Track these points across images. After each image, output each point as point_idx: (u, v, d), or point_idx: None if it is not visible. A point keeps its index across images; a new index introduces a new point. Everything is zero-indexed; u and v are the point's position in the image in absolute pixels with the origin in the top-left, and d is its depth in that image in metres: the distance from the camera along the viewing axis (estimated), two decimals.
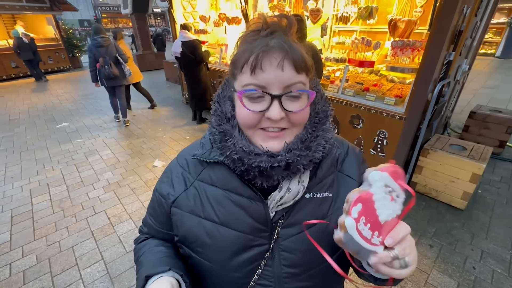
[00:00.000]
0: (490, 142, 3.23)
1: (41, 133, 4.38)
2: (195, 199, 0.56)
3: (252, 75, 0.44)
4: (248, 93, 0.45)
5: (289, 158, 0.47)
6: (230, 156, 0.50)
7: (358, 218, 0.37)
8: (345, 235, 0.39)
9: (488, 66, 9.09)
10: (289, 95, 0.45)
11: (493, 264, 1.89)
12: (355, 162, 0.61)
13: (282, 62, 0.43)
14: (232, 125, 0.52)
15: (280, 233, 0.53)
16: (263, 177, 0.50)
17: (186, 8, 4.94)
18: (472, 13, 2.23)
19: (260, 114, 0.46)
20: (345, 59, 2.94)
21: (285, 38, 0.45)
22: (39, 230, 2.31)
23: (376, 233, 0.38)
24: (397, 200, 0.38)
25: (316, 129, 0.52)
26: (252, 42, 0.45)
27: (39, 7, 8.86)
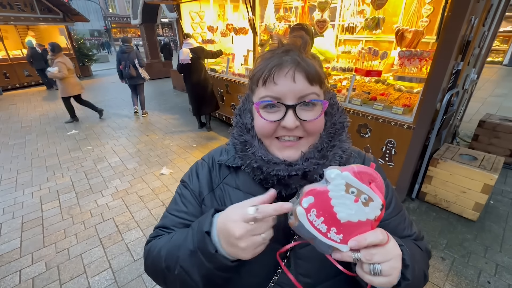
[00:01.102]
0: (500, 151, 3.18)
1: (51, 140, 4.47)
2: (220, 200, 0.59)
3: (266, 87, 0.48)
4: (264, 104, 0.49)
5: (306, 166, 0.50)
6: (250, 165, 0.53)
7: (308, 209, 0.38)
8: (296, 222, 0.40)
9: (495, 74, 9.02)
10: (303, 105, 0.48)
11: (509, 278, 1.83)
12: None
13: (293, 73, 0.46)
14: (252, 135, 0.55)
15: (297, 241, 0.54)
16: (281, 186, 0.52)
17: (194, 19, 5.05)
18: (480, 23, 2.24)
19: (276, 123, 0.49)
20: (352, 68, 2.96)
21: (299, 54, 0.49)
22: (48, 237, 2.33)
23: (334, 229, 0.39)
24: (369, 204, 0.37)
25: (332, 139, 0.54)
26: (268, 59, 0.49)
27: (53, 18, 9.19)
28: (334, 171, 0.38)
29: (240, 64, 4.72)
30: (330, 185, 0.38)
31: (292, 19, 3.74)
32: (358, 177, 0.37)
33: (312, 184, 0.40)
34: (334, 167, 0.39)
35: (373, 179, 0.37)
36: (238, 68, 4.65)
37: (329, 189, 0.38)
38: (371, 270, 0.40)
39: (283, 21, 3.68)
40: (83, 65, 10.58)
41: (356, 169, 0.37)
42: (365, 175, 0.37)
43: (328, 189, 0.38)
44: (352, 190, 0.37)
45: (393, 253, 0.41)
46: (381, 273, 0.39)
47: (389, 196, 0.62)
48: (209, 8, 4.78)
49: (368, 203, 0.38)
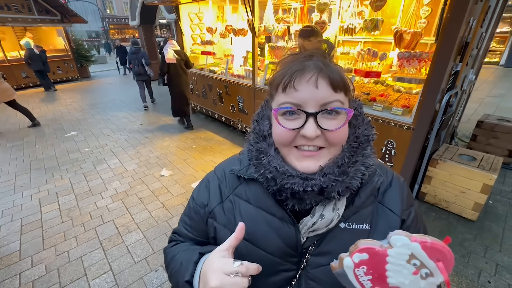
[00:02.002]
0: (499, 151, 3.20)
1: (50, 142, 4.45)
2: (229, 213, 0.56)
3: (286, 93, 0.45)
4: (283, 110, 0.45)
5: (324, 182, 0.46)
6: (264, 175, 0.50)
7: (358, 264, 0.36)
8: (339, 269, 0.38)
9: (492, 74, 9.09)
10: (325, 113, 0.44)
11: (509, 278, 1.84)
12: (398, 194, 0.56)
13: (316, 79, 0.43)
14: (269, 143, 0.52)
15: (310, 261, 0.51)
16: (295, 200, 0.48)
17: (193, 20, 5.06)
18: (478, 25, 2.26)
19: (295, 131, 0.45)
20: (351, 69, 2.97)
21: (323, 59, 0.46)
22: (48, 240, 2.32)
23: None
24: (428, 278, 0.35)
25: (355, 154, 0.49)
26: (289, 64, 0.46)
27: (51, 19, 9.16)
28: (402, 239, 0.34)
29: (239, 65, 4.72)
30: (392, 250, 0.35)
31: (291, 20, 3.75)
32: (427, 252, 0.34)
33: (369, 241, 0.36)
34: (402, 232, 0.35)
35: (443, 257, 0.34)
36: (237, 69, 4.65)
37: (389, 254, 0.35)
38: None
39: (282, 22, 3.69)
40: (81, 66, 10.54)
41: (429, 244, 0.33)
42: (435, 252, 0.34)
43: (388, 254, 0.35)
44: (415, 262, 0.34)
45: None
46: None
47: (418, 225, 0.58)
48: (208, 10, 4.79)
49: (427, 278, 0.35)
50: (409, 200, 0.57)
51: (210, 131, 4.80)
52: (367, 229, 0.52)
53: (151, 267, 2.02)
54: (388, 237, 0.36)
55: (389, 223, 0.53)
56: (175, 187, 3.07)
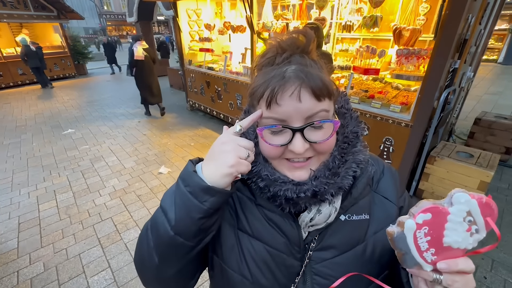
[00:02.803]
0: (496, 149, 3.22)
1: (47, 140, 4.42)
2: (231, 208, 0.55)
3: (269, 109, 0.43)
4: (268, 130, 0.45)
5: (316, 186, 0.46)
6: (256, 183, 0.49)
7: (420, 225, 0.36)
8: (399, 232, 0.38)
9: (490, 72, 9.11)
10: (311, 126, 0.43)
11: (505, 274, 1.86)
12: (392, 183, 0.57)
13: (299, 92, 0.41)
14: (257, 152, 0.50)
15: (313, 256, 0.51)
16: (290, 204, 0.48)
17: (191, 17, 5.02)
18: (477, 22, 2.26)
19: (282, 147, 0.45)
20: (349, 66, 2.97)
21: (303, 62, 0.43)
22: (46, 237, 2.31)
23: (432, 250, 0.38)
24: (474, 234, 0.36)
25: (345, 154, 0.49)
26: (268, 73, 0.44)
27: (47, 15, 9.06)
28: (464, 195, 0.35)
29: (238, 62, 4.70)
30: (453, 207, 0.36)
31: (289, 17, 3.73)
32: (481, 208, 0.35)
33: (432, 201, 0.37)
34: (462, 190, 0.36)
35: (492, 213, 0.35)
36: (236, 66, 4.63)
37: (450, 212, 0.36)
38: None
39: (281, 19, 3.67)
40: (78, 63, 10.45)
41: (484, 200, 0.35)
42: (487, 209, 0.35)
43: (450, 212, 0.36)
44: (470, 219, 0.35)
45: (471, 284, 0.39)
46: None
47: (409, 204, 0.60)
48: (206, 6, 4.76)
49: (476, 235, 0.36)
50: (402, 187, 0.59)
51: (208, 129, 4.79)
52: (366, 219, 0.52)
53: None
54: (450, 195, 0.36)
55: (386, 211, 0.54)
56: None
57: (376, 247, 0.52)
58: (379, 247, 0.52)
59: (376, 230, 0.53)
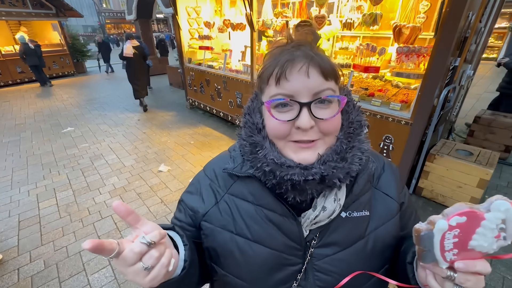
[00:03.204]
0: (495, 147, 3.23)
1: (47, 138, 4.42)
2: (227, 214, 0.54)
3: (278, 85, 0.44)
4: (275, 103, 0.45)
5: (324, 170, 0.45)
6: (261, 169, 0.48)
7: (452, 227, 0.36)
8: (427, 231, 0.38)
9: (490, 70, 9.11)
10: (318, 102, 0.44)
11: (503, 271, 1.87)
12: (392, 179, 0.58)
13: (307, 68, 0.42)
14: (263, 136, 0.50)
15: (314, 253, 0.51)
16: (296, 191, 0.47)
17: (190, 14, 5.00)
18: (477, 19, 2.25)
19: (289, 124, 0.45)
20: (350, 64, 2.97)
21: (311, 48, 0.45)
22: (46, 235, 2.32)
23: (455, 251, 0.37)
24: (500, 241, 0.36)
25: (351, 139, 0.49)
26: (277, 55, 0.45)
27: (45, 13, 9.01)
28: (505, 204, 0.34)
29: (238, 60, 4.69)
30: (489, 214, 0.35)
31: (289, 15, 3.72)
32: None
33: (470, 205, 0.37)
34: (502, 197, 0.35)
35: None
36: (236, 64, 4.62)
37: (485, 217, 0.35)
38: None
39: (281, 16, 3.65)
40: (77, 61, 10.42)
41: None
42: None
43: (485, 217, 0.35)
44: (502, 227, 0.35)
45: (481, 284, 0.40)
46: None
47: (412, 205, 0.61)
48: (205, 4, 4.74)
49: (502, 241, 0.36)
50: (402, 183, 0.60)
51: (208, 127, 4.78)
52: (367, 215, 0.53)
53: None
54: (490, 201, 0.36)
55: (386, 206, 0.55)
56: (173, 183, 3.07)
57: (376, 242, 0.53)
58: (380, 242, 0.53)
59: (376, 226, 0.53)
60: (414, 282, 0.46)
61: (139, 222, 0.39)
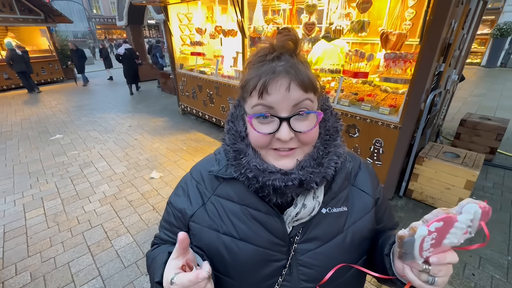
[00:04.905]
0: (481, 149, 3.33)
1: (34, 146, 4.31)
2: (214, 215, 0.57)
3: (260, 98, 0.46)
4: (257, 117, 0.47)
5: (302, 175, 0.49)
6: (244, 174, 0.51)
7: (431, 232, 0.39)
8: (410, 236, 0.41)
9: (474, 75, 9.43)
10: (296, 116, 0.46)
11: (492, 270, 1.91)
12: (368, 176, 0.62)
13: (287, 83, 0.45)
14: (246, 144, 0.53)
15: (297, 249, 0.54)
16: (277, 194, 0.51)
17: (182, 21, 5.02)
18: (459, 27, 2.34)
19: (270, 135, 0.48)
20: (339, 70, 3.02)
21: (292, 61, 0.47)
22: (33, 246, 2.24)
23: (431, 250, 0.41)
24: (467, 235, 0.40)
25: (327, 146, 0.53)
26: (259, 68, 0.47)
27: (33, 19, 8.87)
28: (474, 207, 0.38)
29: (230, 66, 4.72)
30: (461, 216, 0.38)
31: (280, 21, 3.78)
32: (482, 215, 0.38)
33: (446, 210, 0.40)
34: (472, 200, 0.39)
35: (487, 218, 0.39)
36: (228, 70, 4.64)
37: (458, 220, 0.38)
38: (430, 280, 0.43)
39: (272, 23, 3.71)
40: (67, 67, 10.23)
41: (487, 209, 0.38)
42: (486, 215, 0.38)
43: (458, 219, 0.38)
44: (470, 225, 0.39)
45: (451, 271, 0.44)
46: (435, 283, 0.42)
47: (386, 201, 0.66)
48: (197, 10, 4.76)
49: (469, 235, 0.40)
50: (376, 180, 0.64)
51: (200, 132, 4.77)
52: (345, 211, 0.57)
53: (142, 271, 1.99)
54: (461, 205, 0.39)
55: (363, 202, 0.59)
56: (165, 189, 3.04)
57: (355, 235, 0.57)
58: (358, 235, 0.57)
59: (354, 221, 0.57)
60: (391, 272, 0.50)
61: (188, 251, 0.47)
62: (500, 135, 3.21)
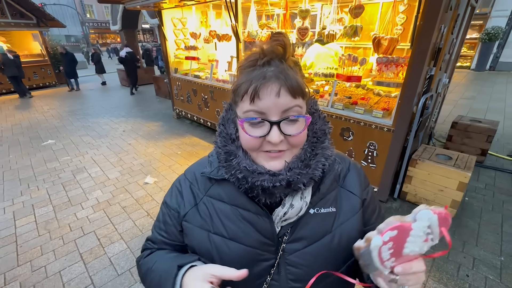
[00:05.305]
0: (472, 150, 3.38)
1: (25, 151, 4.23)
2: (205, 215, 0.58)
3: (252, 103, 0.47)
4: (248, 121, 0.49)
5: (290, 176, 0.51)
6: (235, 175, 0.53)
7: (387, 242, 0.40)
8: (365, 248, 0.41)
9: (464, 78, 9.63)
10: (286, 120, 0.48)
11: (485, 271, 1.93)
12: (356, 178, 0.63)
13: (277, 89, 0.46)
14: (237, 146, 0.55)
15: (286, 248, 0.55)
16: (266, 195, 0.52)
17: (176, 25, 5.02)
18: (449, 31, 2.40)
19: (261, 138, 0.50)
20: (333, 74, 3.06)
21: (281, 66, 0.48)
22: (23, 255, 2.19)
23: (393, 259, 0.41)
24: (430, 242, 0.40)
25: (315, 148, 0.55)
26: (250, 73, 0.49)
27: (25, 23, 8.78)
28: (428, 213, 0.38)
29: (224, 70, 4.73)
30: (416, 223, 0.39)
31: (274, 26, 3.81)
32: (440, 221, 0.38)
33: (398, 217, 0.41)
34: (426, 206, 0.39)
35: (447, 224, 0.39)
36: (222, 74, 4.65)
37: (413, 227, 0.39)
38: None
39: (266, 28, 3.74)
40: (59, 72, 10.11)
41: (443, 214, 0.38)
42: (445, 221, 0.38)
43: (412, 227, 0.39)
44: (428, 232, 0.39)
45: (422, 279, 0.44)
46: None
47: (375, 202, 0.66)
48: (191, 15, 4.77)
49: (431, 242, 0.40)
50: (365, 181, 0.65)
51: (195, 137, 4.75)
52: (333, 212, 0.58)
53: (135, 279, 1.95)
54: (415, 212, 0.40)
55: (350, 203, 0.60)
56: (160, 195, 3.00)
57: (342, 236, 0.57)
58: (345, 236, 0.57)
59: (342, 221, 0.58)
60: (370, 281, 0.50)
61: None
62: (491, 137, 3.27)
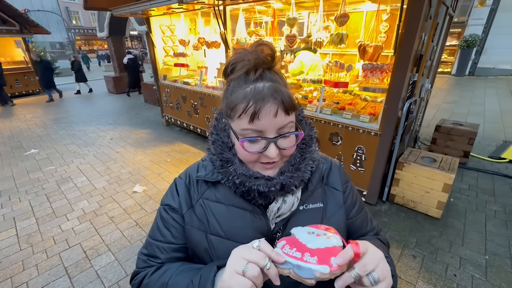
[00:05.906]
0: (455, 152, 3.51)
1: (6, 162, 4.06)
2: (202, 216, 0.61)
3: (251, 123, 0.51)
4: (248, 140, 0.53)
5: (283, 180, 0.56)
6: (232, 180, 0.57)
7: (282, 247, 0.47)
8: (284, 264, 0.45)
9: (446, 83, 10.03)
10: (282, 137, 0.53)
11: (471, 270, 1.98)
12: (338, 174, 0.70)
13: (274, 109, 0.50)
14: (233, 153, 0.59)
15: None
16: (261, 197, 0.58)
17: (165, 32, 5.01)
18: (429, 39, 2.51)
19: (258, 153, 0.54)
20: (321, 80, 3.12)
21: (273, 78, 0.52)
22: (3, 271, 2.08)
23: (308, 254, 0.45)
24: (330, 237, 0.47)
25: (304, 153, 0.60)
26: (243, 87, 0.52)
27: (8, 30, 8.55)
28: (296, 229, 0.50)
29: (214, 77, 4.73)
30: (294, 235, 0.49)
31: (262, 33, 3.87)
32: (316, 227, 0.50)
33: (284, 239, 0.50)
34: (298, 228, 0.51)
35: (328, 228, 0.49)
36: (212, 81, 4.66)
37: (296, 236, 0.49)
38: (370, 280, 0.43)
39: (254, 35, 3.79)
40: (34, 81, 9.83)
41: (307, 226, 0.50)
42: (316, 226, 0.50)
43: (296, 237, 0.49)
44: (312, 231, 0.49)
45: (378, 256, 0.45)
46: (378, 279, 0.43)
47: (354, 196, 0.71)
48: (180, 22, 4.78)
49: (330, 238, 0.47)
50: (345, 177, 0.71)
51: (185, 144, 4.70)
52: (320, 207, 0.64)
53: None
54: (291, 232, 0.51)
55: (336, 198, 0.67)
56: (149, 203, 2.94)
57: None
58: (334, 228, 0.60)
59: (329, 216, 0.64)
60: None
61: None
62: (472, 139, 3.40)
